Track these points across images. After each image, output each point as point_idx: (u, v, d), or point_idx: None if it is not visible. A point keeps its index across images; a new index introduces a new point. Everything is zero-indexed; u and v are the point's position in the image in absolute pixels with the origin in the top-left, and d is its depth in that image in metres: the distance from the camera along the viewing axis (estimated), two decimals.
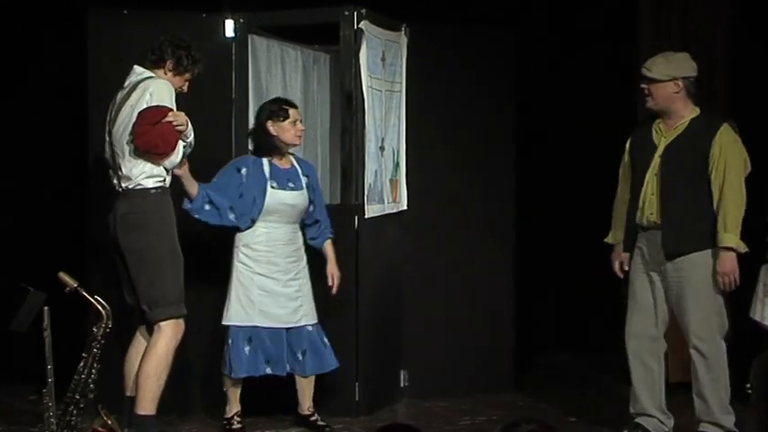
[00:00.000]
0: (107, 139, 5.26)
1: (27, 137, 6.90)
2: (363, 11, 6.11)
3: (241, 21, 6.24)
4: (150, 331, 5.20)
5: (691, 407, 5.40)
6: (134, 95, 5.15)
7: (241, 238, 5.55)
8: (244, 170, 5.58)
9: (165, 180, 5.22)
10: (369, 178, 6.16)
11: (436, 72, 6.59)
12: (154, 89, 5.13)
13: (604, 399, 5.74)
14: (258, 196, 5.55)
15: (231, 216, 5.53)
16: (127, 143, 5.14)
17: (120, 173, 5.19)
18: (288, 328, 5.61)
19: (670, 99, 5.35)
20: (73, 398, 4.36)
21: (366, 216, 6.14)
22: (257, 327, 5.54)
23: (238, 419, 5.66)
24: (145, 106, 5.08)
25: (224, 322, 5.57)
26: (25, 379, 4.94)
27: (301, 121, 5.76)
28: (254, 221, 5.57)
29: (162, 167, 5.17)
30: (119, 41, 5.95)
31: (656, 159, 5.36)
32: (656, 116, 5.46)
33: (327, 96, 6.72)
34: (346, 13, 6.09)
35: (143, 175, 5.15)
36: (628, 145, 5.56)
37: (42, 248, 6.50)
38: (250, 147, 5.85)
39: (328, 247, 5.78)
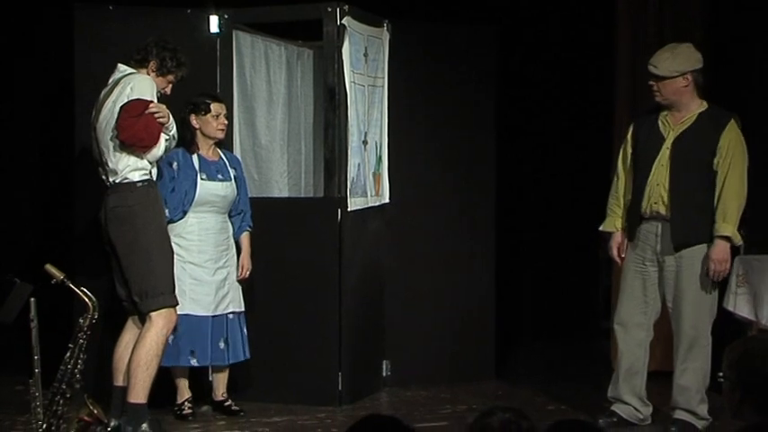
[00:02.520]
0: (92, 135, 5.26)
1: (13, 132, 6.88)
2: (346, 7, 6.11)
3: (225, 17, 6.23)
4: (143, 321, 5.21)
5: (664, 395, 5.44)
6: (116, 91, 5.16)
7: (173, 229, 5.53)
8: (175, 164, 5.61)
9: (150, 173, 5.23)
10: (352, 172, 6.16)
11: (418, 67, 6.60)
12: (135, 84, 5.14)
13: (582, 387, 5.77)
14: (189, 189, 5.61)
15: (165, 210, 5.47)
16: (111, 138, 5.14)
17: (106, 168, 5.20)
18: (213, 316, 5.64)
19: (679, 93, 5.31)
20: (59, 388, 4.35)
21: (349, 209, 6.14)
22: (189, 315, 5.53)
23: (189, 405, 5.71)
24: (126, 100, 5.08)
25: None
26: (12, 369, 4.93)
27: (225, 116, 5.76)
28: (185, 213, 5.62)
29: (146, 161, 5.18)
30: (104, 37, 5.94)
31: (665, 151, 5.32)
32: (659, 107, 5.40)
33: (311, 91, 6.72)
34: (329, 9, 6.09)
35: (128, 168, 5.16)
36: (630, 135, 5.51)
37: (29, 241, 6.48)
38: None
39: (245, 239, 5.83)
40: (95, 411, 4.31)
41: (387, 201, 6.55)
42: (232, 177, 5.78)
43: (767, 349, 3.04)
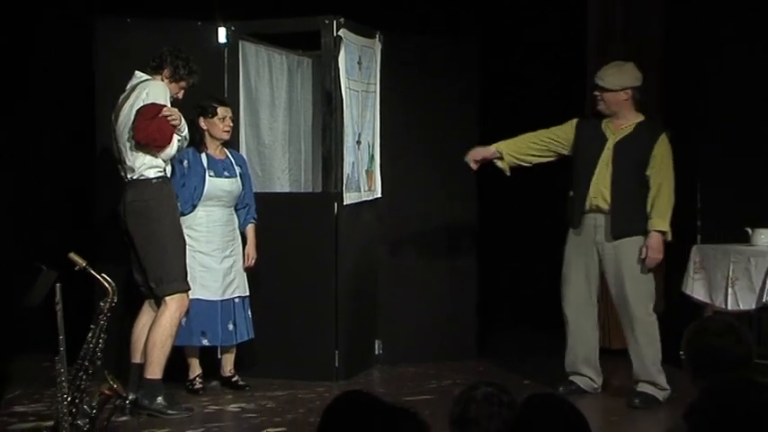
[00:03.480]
0: (112, 135, 5.26)
1: (39, 134, 6.87)
2: (342, 20, 6.10)
3: (232, 28, 6.22)
4: (158, 305, 5.21)
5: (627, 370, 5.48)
6: (133, 96, 5.16)
7: (184, 221, 5.51)
8: (185, 162, 5.59)
9: (164, 170, 5.23)
10: (347, 169, 6.16)
11: (407, 75, 6.59)
12: (149, 90, 5.14)
13: (553, 364, 5.78)
14: (198, 185, 5.59)
15: (177, 203, 5.48)
16: (128, 139, 5.14)
17: (125, 165, 5.20)
18: (222, 301, 5.64)
19: (619, 105, 5.47)
20: (82, 364, 4.35)
21: (344, 203, 6.14)
22: (200, 300, 5.52)
23: (199, 380, 5.71)
24: (142, 104, 5.08)
25: None
26: (39, 348, 4.92)
27: (231, 118, 5.75)
28: (194, 206, 5.60)
29: (160, 159, 5.18)
30: (122, 47, 5.92)
31: (606, 152, 5.43)
32: (600, 115, 5.53)
33: (310, 96, 6.71)
34: (327, 22, 6.09)
35: (144, 166, 5.16)
36: (575, 127, 5.59)
37: (55, 232, 6.47)
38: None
39: (250, 231, 5.82)
40: (115, 386, 4.31)
41: (379, 195, 6.55)
42: (237, 174, 5.77)
43: (719, 328, 3.06)
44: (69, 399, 4.22)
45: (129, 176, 5.19)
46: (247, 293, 5.80)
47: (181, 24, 6.08)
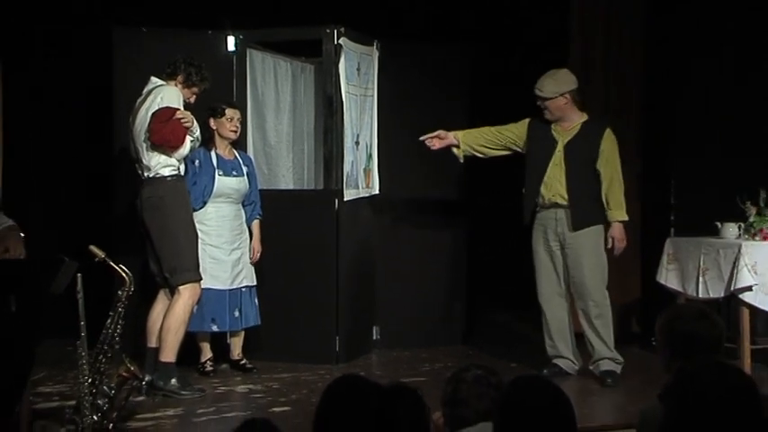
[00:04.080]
0: (130, 136, 5.26)
1: (61, 135, 6.86)
2: (342, 29, 6.11)
3: (240, 37, 6.22)
4: (172, 293, 5.22)
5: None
6: (148, 100, 5.17)
7: (195, 216, 5.49)
8: (197, 162, 5.59)
9: (178, 169, 5.23)
10: (346, 168, 6.16)
11: (402, 80, 6.59)
12: (164, 94, 5.14)
13: (537, 349, 5.79)
14: (208, 183, 5.60)
15: (190, 199, 5.48)
16: (144, 140, 5.15)
17: (141, 164, 5.21)
18: (230, 290, 5.64)
19: (561, 110, 5.50)
20: (102, 348, 4.35)
21: (345, 199, 6.14)
22: (210, 289, 5.53)
23: (210, 363, 5.71)
24: (156, 108, 5.08)
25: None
26: (62, 333, 4.92)
27: (239, 119, 5.75)
28: (205, 203, 5.61)
29: (174, 159, 5.18)
30: (139, 54, 5.93)
31: (558, 153, 5.49)
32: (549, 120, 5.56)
33: (312, 100, 6.71)
34: (328, 31, 6.09)
35: (159, 165, 5.16)
36: (527, 128, 5.62)
37: (76, 226, 6.47)
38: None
39: (255, 227, 5.81)
40: (132, 368, 4.32)
41: (376, 192, 6.55)
42: (245, 173, 5.78)
43: (691, 314, 3.07)
44: (90, 380, 4.23)
45: (145, 174, 5.20)
46: (254, 283, 5.81)
47: (193, 34, 6.08)
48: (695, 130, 6.74)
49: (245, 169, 5.79)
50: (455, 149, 5.74)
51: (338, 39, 6.08)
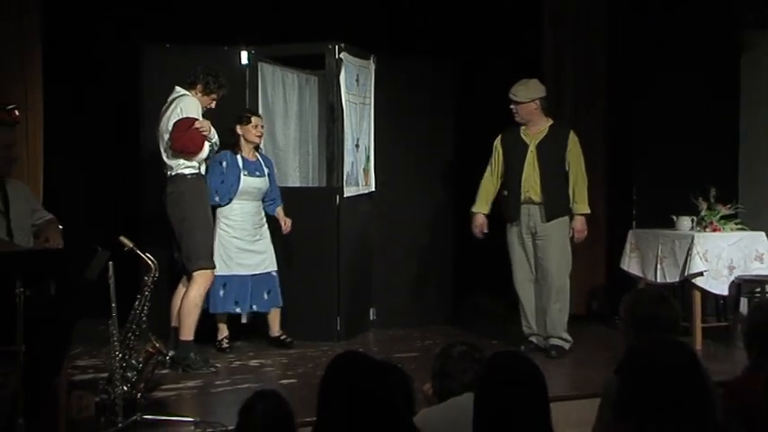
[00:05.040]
0: (157, 139, 5.26)
1: (95, 138, 6.86)
2: (342, 45, 6.11)
3: (252, 52, 6.23)
4: (189, 279, 5.22)
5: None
6: (170, 109, 5.18)
7: (222, 212, 5.56)
8: (224, 163, 5.59)
9: (198, 168, 5.24)
10: (347, 168, 6.16)
11: (397, 90, 6.60)
12: (183, 105, 5.15)
13: (515, 327, 5.80)
14: (234, 182, 5.60)
15: (216, 198, 5.53)
16: (166, 145, 5.14)
17: (165, 164, 5.21)
18: (254, 275, 5.65)
19: (531, 114, 5.53)
20: (131, 327, 4.36)
21: (345, 195, 6.15)
22: (234, 275, 5.55)
23: (227, 341, 5.72)
24: (177, 118, 5.09)
25: None
26: (96, 313, 4.93)
27: (262, 126, 5.76)
28: (231, 200, 5.61)
29: (194, 161, 5.18)
30: (164, 66, 5.93)
31: (531, 155, 5.50)
32: (518, 124, 5.58)
33: (316, 108, 6.70)
34: (330, 46, 6.09)
35: (180, 165, 5.19)
36: (499, 144, 5.66)
37: (108, 219, 6.48)
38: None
39: (279, 211, 5.82)
40: (157, 344, 4.33)
41: (373, 189, 6.56)
42: (266, 174, 5.77)
43: (652, 297, 3.09)
44: (120, 355, 4.23)
45: (168, 173, 5.21)
46: (276, 269, 5.79)
47: (211, 49, 6.08)
48: (655, 133, 6.79)
49: (266, 170, 5.78)
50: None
51: (339, 53, 6.08)
